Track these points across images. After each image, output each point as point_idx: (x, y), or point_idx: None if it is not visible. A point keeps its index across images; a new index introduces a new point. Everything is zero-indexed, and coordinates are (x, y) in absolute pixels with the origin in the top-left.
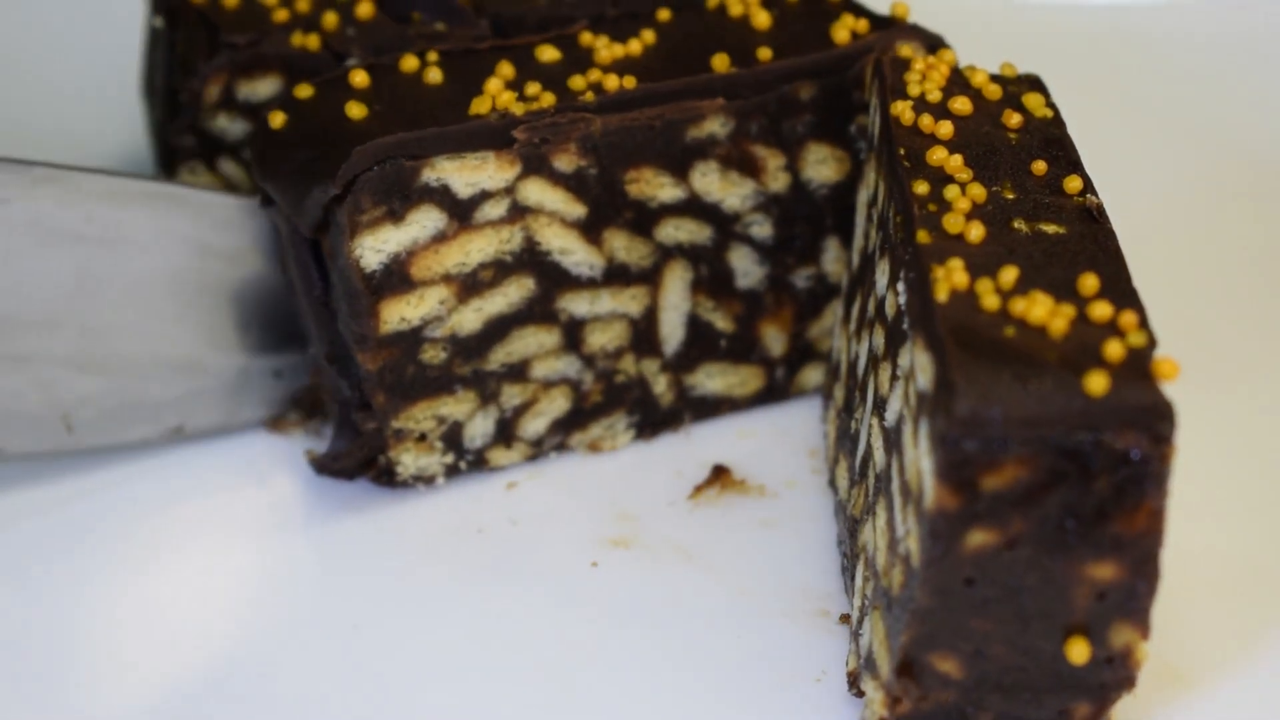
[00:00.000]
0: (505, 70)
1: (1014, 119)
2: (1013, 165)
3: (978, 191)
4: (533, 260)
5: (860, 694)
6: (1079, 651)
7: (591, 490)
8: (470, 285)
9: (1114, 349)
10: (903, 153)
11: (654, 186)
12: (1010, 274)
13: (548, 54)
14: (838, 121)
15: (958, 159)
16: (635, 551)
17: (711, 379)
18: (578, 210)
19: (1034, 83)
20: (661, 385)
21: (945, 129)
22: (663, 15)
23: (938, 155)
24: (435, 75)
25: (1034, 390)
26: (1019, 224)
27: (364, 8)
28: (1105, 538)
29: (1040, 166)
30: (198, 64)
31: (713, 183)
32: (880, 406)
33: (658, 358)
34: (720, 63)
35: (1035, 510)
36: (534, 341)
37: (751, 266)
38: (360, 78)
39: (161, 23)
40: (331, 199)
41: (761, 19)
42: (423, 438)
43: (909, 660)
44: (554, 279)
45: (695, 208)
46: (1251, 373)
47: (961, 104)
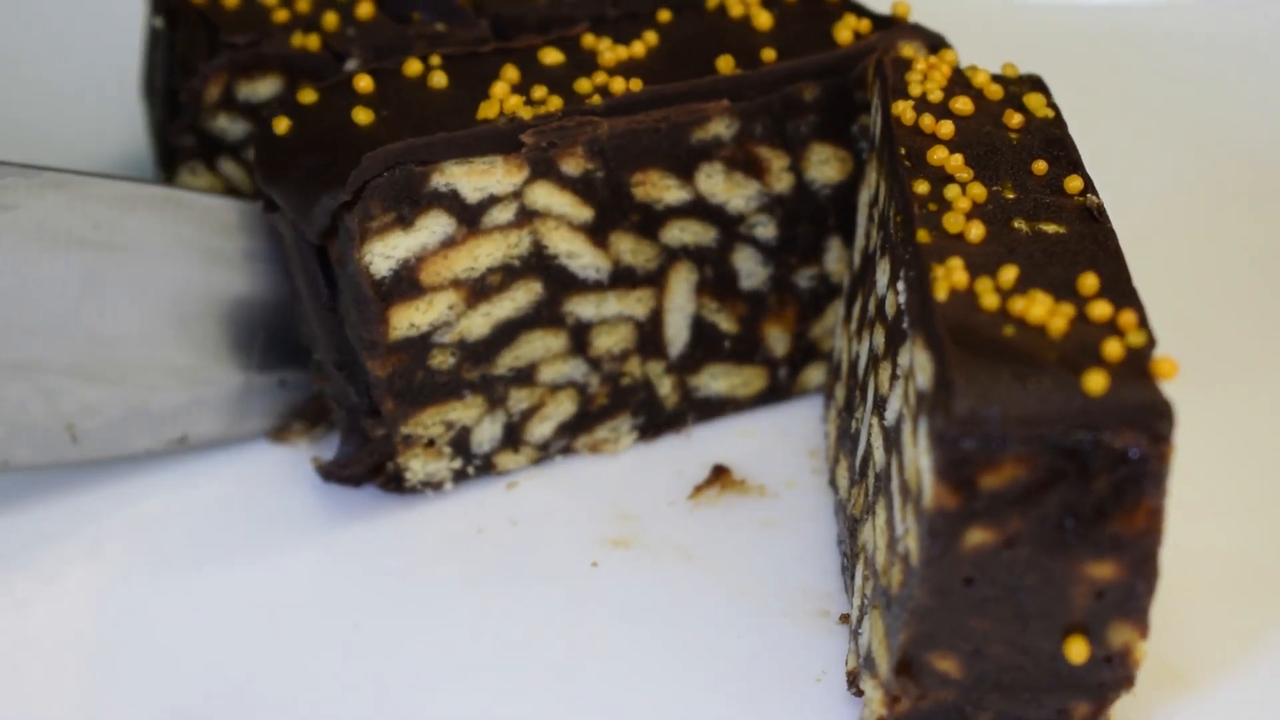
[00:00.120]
0: (510, 74)
1: (1015, 119)
2: (1013, 165)
3: (978, 191)
4: (540, 264)
5: (860, 693)
6: (1078, 651)
7: (592, 490)
8: (479, 290)
9: (1113, 348)
10: (903, 152)
11: (660, 189)
12: (1010, 273)
13: (551, 56)
14: (840, 122)
15: (958, 159)
16: (635, 551)
17: (715, 380)
18: (585, 213)
19: (1035, 83)
20: (666, 387)
21: (946, 129)
22: (663, 16)
23: (938, 155)
24: (440, 79)
25: (1033, 389)
26: (1019, 223)
27: (364, 8)
28: (1104, 537)
29: (1041, 166)
30: (198, 64)
31: (718, 184)
32: (880, 406)
33: (663, 360)
34: (725, 64)
35: (1034, 509)
36: (541, 345)
37: (755, 267)
38: (365, 83)
39: (161, 23)
40: (340, 205)
41: (763, 19)
42: (431, 443)
43: (908, 659)
44: (561, 283)
45: (700, 209)
46: (1251, 372)
47: (963, 104)
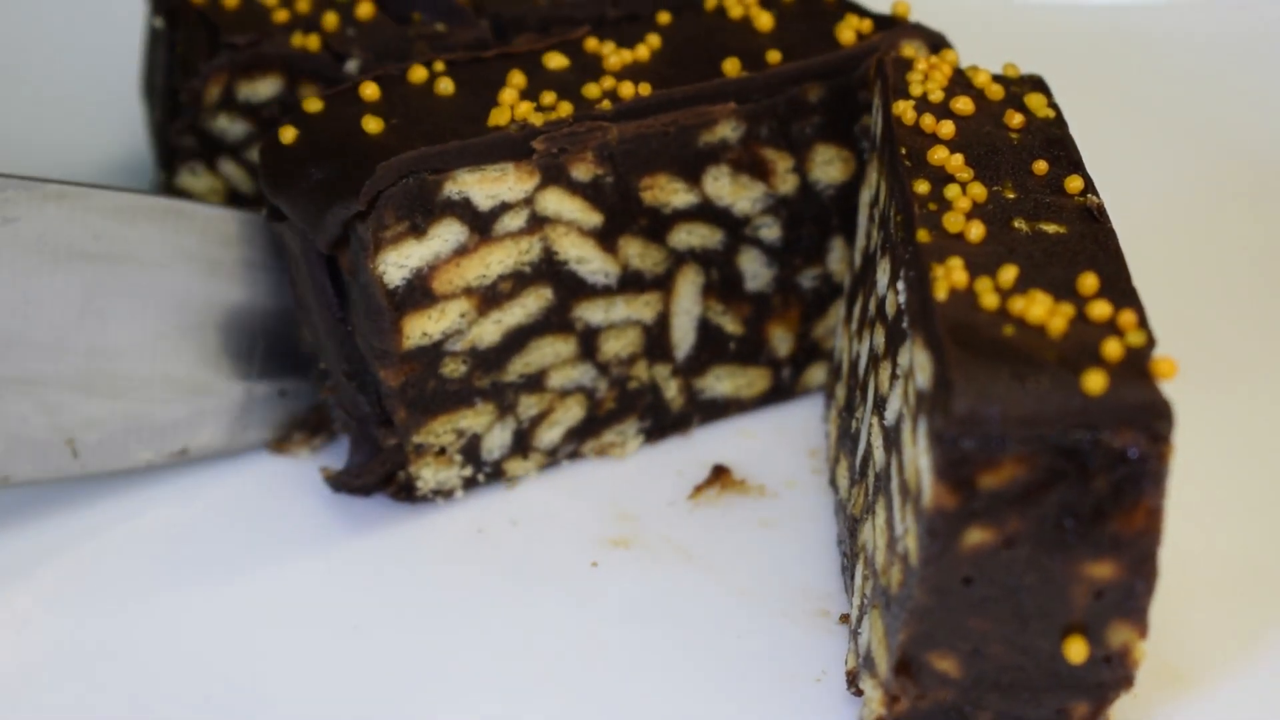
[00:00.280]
0: (516, 79)
1: (1016, 119)
2: (1014, 165)
3: (978, 191)
4: (550, 270)
5: (859, 693)
6: (1077, 650)
7: (592, 490)
8: (490, 297)
9: (1112, 348)
10: (904, 152)
11: (668, 192)
12: (1010, 273)
13: (555, 61)
14: (844, 122)
15: (959, 158)
16: (635, 551)
17: (720, 381)
18: (594, 219)
19: (1036, 83)
20: (672, 390)
21: (947, 129)
22: (663, 18)
23: (939, 155)
24: (447, 86)
25: (1032, 389)
26: (1019, 223)
27: (364, 8)
28: (1103, 537)
29: (1041, 166)
30: (198, 64)
31: (724, 187)
32: (880, 405)
33: (669, 363)
34: (730, 66)
35: (1033, 509)
36: (551, 351)
37: (760, 269)
38: (370, 90)
39: (161, 23)
40: (353, 215)
41: (763, 20)
42: (442, 451)
43: (907, 659)
44: (571, 288)
45: (707, 212)
46: (1251, 373)
47: (963, 104)
